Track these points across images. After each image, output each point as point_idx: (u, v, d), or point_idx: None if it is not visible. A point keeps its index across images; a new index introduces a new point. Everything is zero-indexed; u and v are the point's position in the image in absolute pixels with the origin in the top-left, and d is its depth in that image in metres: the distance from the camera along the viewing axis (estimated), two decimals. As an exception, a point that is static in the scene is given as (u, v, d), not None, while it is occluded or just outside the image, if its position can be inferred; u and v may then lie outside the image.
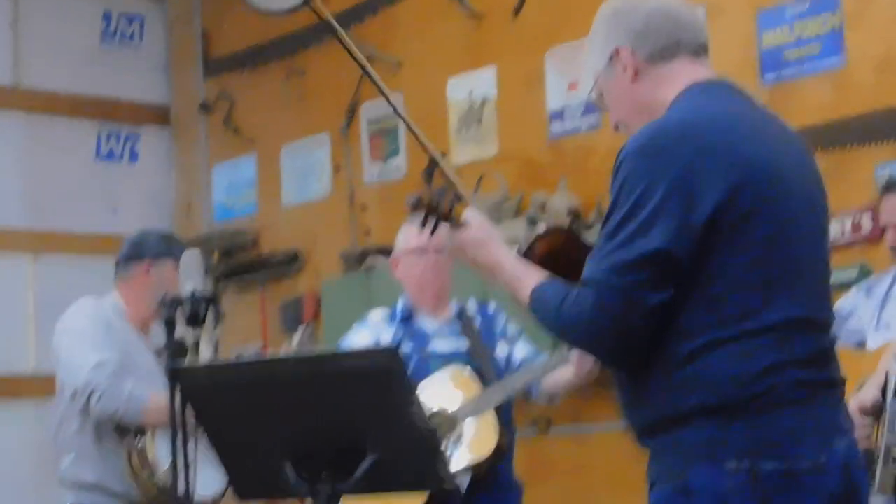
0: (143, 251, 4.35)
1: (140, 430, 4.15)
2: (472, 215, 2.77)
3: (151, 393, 4.01)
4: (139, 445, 4.14)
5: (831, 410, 2.43)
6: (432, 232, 2.81)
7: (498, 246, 2.69)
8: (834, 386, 2.46)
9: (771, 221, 2.38)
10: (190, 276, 3.64)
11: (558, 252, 3.79)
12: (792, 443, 2.33)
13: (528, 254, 3.66)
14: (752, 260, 2.36)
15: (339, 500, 2.75)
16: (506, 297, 2.81)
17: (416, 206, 2.80)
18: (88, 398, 4.09)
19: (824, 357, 2.45)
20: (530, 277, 2.58)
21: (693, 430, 2.36)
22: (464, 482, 4.09)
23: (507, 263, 2.66)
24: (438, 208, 2.80)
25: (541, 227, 5.04)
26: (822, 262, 2.52)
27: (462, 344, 4.30)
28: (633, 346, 2.39)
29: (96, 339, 4.20)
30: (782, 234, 2.40)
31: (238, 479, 2.91)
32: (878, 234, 4.56)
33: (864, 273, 4.58)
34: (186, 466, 3.48)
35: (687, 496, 2.35)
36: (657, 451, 2.44)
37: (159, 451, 4.02)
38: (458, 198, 2.92)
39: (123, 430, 4.15)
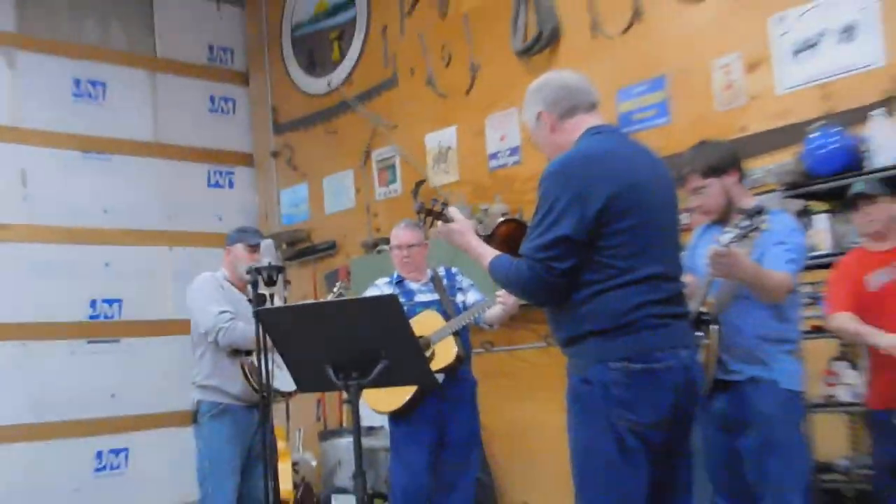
0: (227, 241, 4.60)
1: (248, 352, 4.37)
2: (455, 213, 2.88)
3: (253, 329, 3.93)
4: (249, 361, 4.36)
5: (679, 332, 2.54)
6: (430, 226, 2.92)
7: (471, 233, 2.82)
8: (682, 316, 2.56)
9: (637, 215, 2.49)
10: (267, 255, 3.76)
11: (512, 233, 4.30)
12: (652, 352, 2.48)
13: (494, 232, 3.97)
14: (625, 239, 2.49)
15: (361, 391, 2.84)
16: (468, 262, 2.91)
17: (420, 210, 3.00)
18: (217, 334, 4.34)
19: (676, 298, 2.56)
20: (489, 254, 2.70)
21: (591, 344, 2.51)
22: (440, 378, 4.34)
23: (475, 244, 2.78)
24: (433, 210, 2.95)
25: (500, 218, 5.45)
26: (675, 239, 2.63)
27: (435, 297, 4.60)
28: (553, 294, 2.51)
29: (216, 296, 4.43)
30: (646, 223, 2.51)
31: (300, 378, 3.01)
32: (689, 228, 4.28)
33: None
34: (268, 371, 3.63)
35: (587, 384, 2.52)
36: (570, 356, 2.57)
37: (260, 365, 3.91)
38: (446, 204, 2.93)
39: (237, 352, 4.39)
